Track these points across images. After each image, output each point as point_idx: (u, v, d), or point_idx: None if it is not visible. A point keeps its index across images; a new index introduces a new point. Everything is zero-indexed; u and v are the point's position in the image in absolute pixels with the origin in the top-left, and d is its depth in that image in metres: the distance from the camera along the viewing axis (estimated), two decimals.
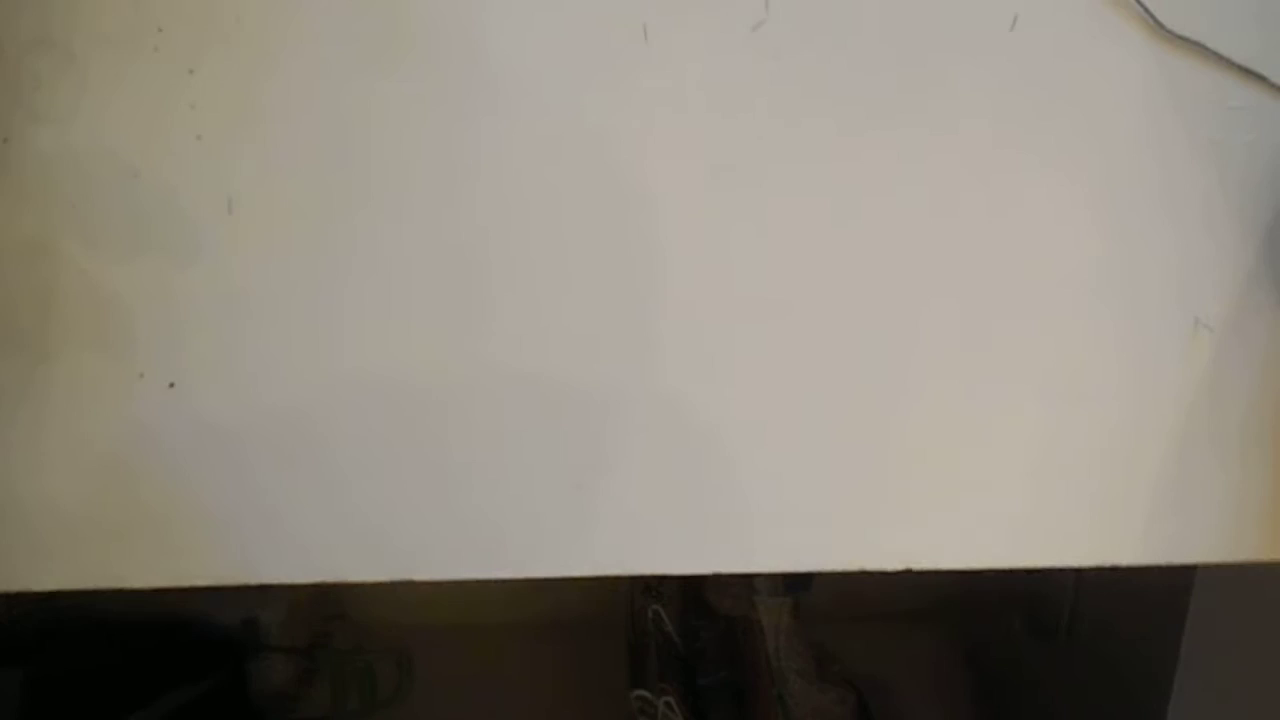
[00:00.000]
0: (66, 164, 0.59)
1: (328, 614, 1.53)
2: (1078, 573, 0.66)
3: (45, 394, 0.62)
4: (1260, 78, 0.60)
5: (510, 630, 1.51)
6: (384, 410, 0.63)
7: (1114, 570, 0.67)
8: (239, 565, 0.65)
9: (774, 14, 0.58)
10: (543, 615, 1.51)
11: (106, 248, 0.61)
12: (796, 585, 1.36)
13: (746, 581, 1.36)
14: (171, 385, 0.62)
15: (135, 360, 0.62)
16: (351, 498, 0.64)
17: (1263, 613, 0.95)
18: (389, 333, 0.62)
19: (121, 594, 0.65)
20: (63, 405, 0.62)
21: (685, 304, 0.63)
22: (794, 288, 0.62)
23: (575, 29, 0.59)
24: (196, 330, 0.62)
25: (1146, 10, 0.58)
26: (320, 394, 0.62)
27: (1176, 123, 0.61)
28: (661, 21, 0.59)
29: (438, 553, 0.66)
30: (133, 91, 0.58)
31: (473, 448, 0.64)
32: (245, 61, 0.58)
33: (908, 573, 0.67)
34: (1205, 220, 0.62)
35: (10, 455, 0.63)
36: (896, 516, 0.66)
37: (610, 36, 0.59)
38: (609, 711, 1.37)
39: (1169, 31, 0.59)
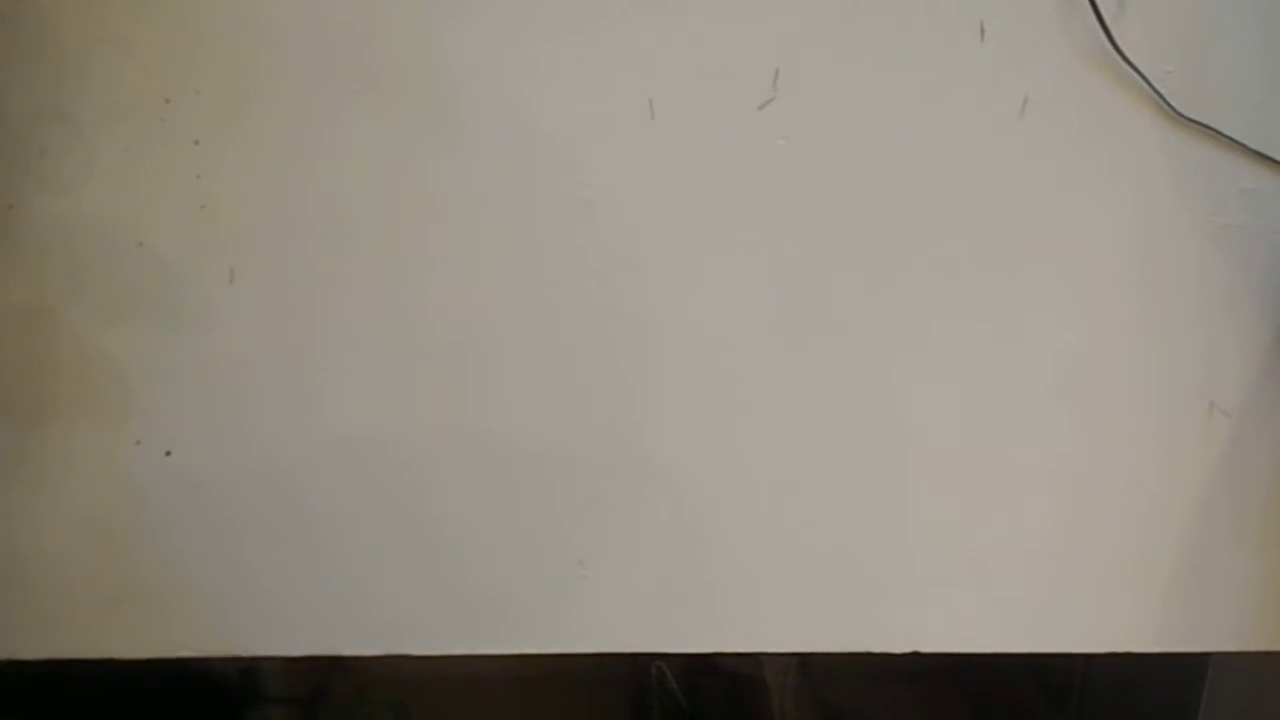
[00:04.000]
0: (70, 232, 0.59)
1: (327, 665, 1.51)
2: None
3: (42, 461, 0.62)
4: (1274, 161, 0.59)
5: (511, 683, 1.49)
6: (378, 483, 0.62)
7: None
8: (230, 638, 0.64)
9: (782, 93, 0.58)
10: (545, 670, 1.48)
11: (107, 316, 0.60)
12: None
13: None
14: (168, 454, 0.62)
15: (132, 428, 0.61)
16: (344, 571, 0.63)
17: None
18: (383, 404, 0.61)
19: None
20: (59, 472, 0.62)
21: (688, 381, 0.62)
22: (800, 369, 0.62)
23: (579, 102, 0.59)
24: (194, 399, 0.61)
25: (1160, 94, 0.58)
26: (315, 466, 0.62)
27: (1190, 206, 0.60)
28: (668, 97, 0.59)
29: (432, 628, 0.64)
30: (139, 162, 0.58)
31: (467, 521, 0.63)
32: (251, 134, 0.58)
33: (915, 655, 0.65)
34: (1218, 304, 0.61)
35: (6, 523, 0.62)
36: (904, 599, 0.64)
37: (615, 111, 0.59)
38: None
39: (1182, 116, 0.58)
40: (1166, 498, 0.63)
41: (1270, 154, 0.59)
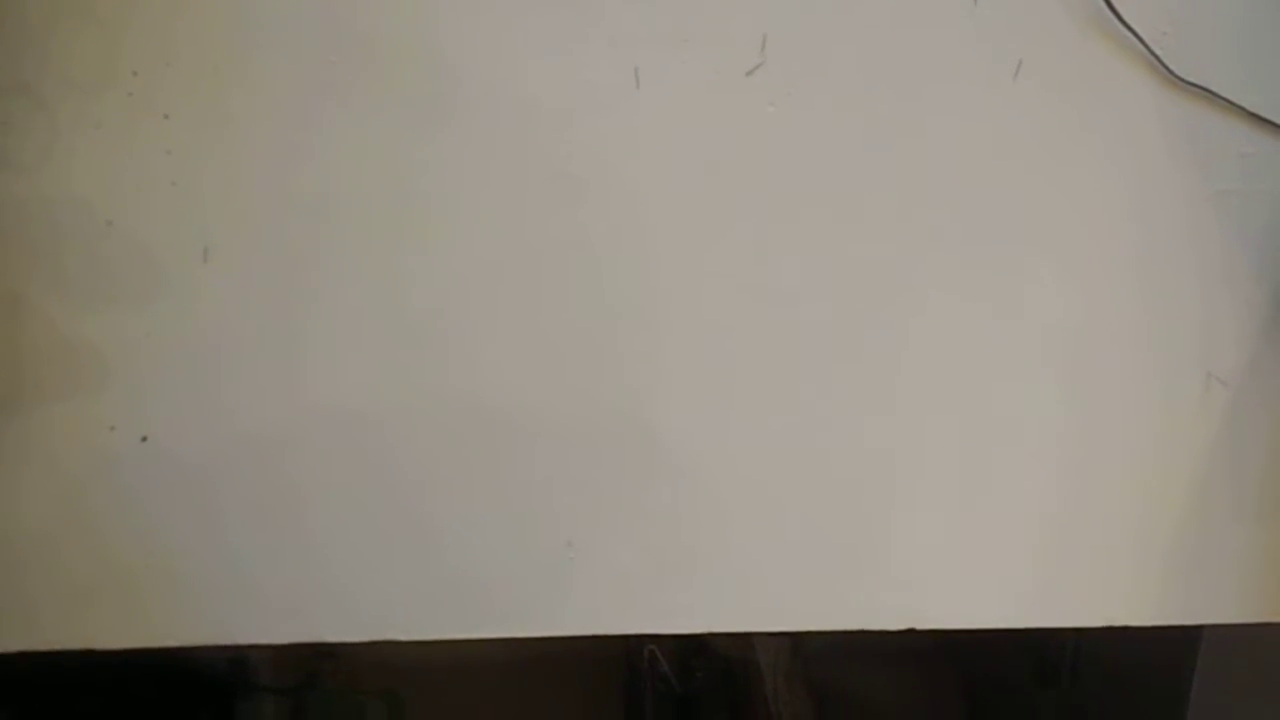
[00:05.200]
0: (37, 212, 0.57)
1: (317, 653, 1.51)
2: None
3: (13, 449, 0.60)
4: (1273, 125, 0.58)
5: (503, 670, 1.49)
6: (360, 466, 0.61)
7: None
8: (212, 626, 0.62)
9: (770, 59, 0.57)
10: (536, 655, 1.48)
11: (79, 297, 0.58)
12: None
13: None
14: (144, 439, 0.60)
15: (107, 413, 0.60)
16: (328, 556, 0.62)
17: (1274, 669, 0.93)
18: (365, 385, 0.60)
19: None
20: (36, 457, 0.60)
21: (678, 357, 0.60)
22: (791, 342, 0.60)
23: (564, 73, 0.57)
24: (169, 381, 0.59)
25: (1156, 57, 0.57)
26: (294, 448, 0.60)
27: (1188, 171, 0.59)
28: (653, 66, 0.57)
29: (417, 612, 0.63)
30: (106, 138, 0.56)
31: (454, 504, 0.62)
32: (221, 106, 0.56)
33: (908, 635, 0.65)
34: (1216, 272, 0.60)
35: None
36: (899, 576, 0.63)
37: (600, 80, 0.57)
38: None
39: (1179, 79, 0.57)
40: (1164, 469, 0.63)
41: (1268, 117, 0.58)
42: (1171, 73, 0.57)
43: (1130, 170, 0.59)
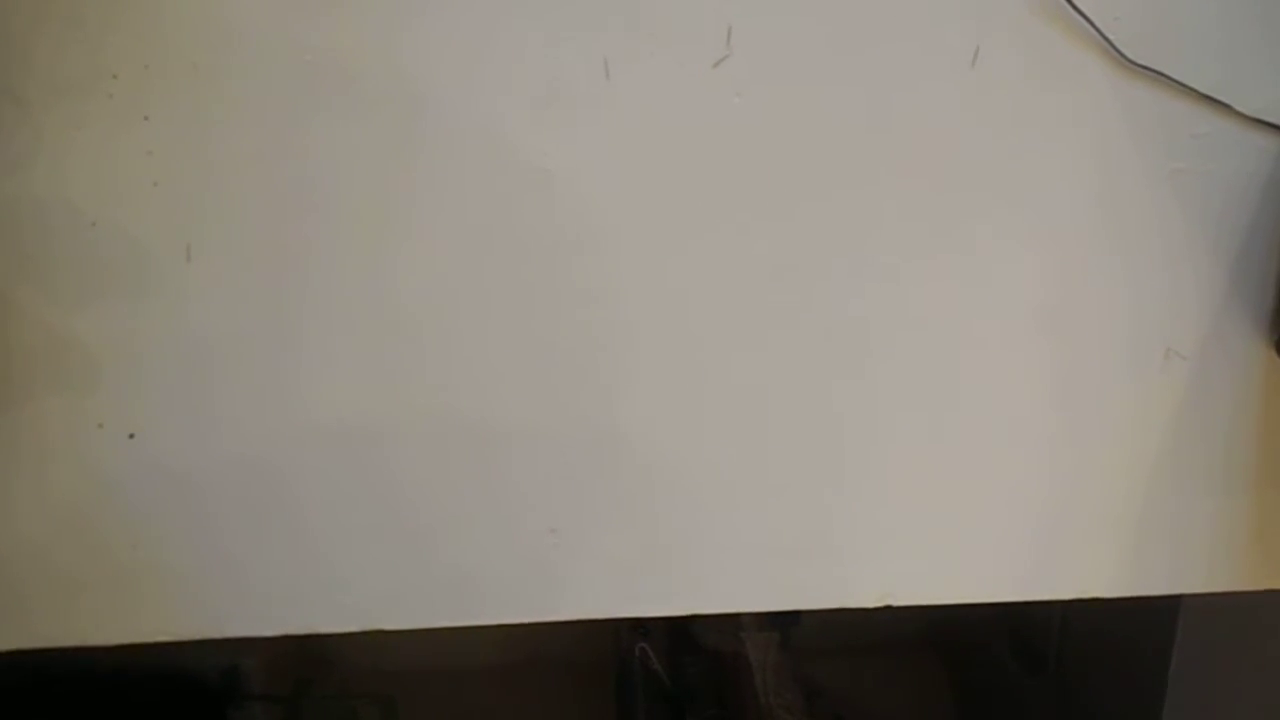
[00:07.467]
0: (22, 213, 0.58)
1: (310, 660, 1.51)
2: (1065, 602, 0.65)
3: (7, 445, 0.61)
4: (1224, 105, 0.60)
5: (495, 672, 1.49)
6: (347, 459, 0.62)
7: (1100, 599, 0.67)
8: (204, 620, 0.63)
9: (736, 50, 0.58)
10: (528, 656, 1.49)
11: (64, 297, 0.59)
12: (784, 619, 1.35)
13: (733, 617, 1.35)
14: (131, 436, 0.61)
15: (94, 410, 0.61)
16: (317, 548, 0.63)
17: (1249, 639, 0.94)
18: (348, 380, 0.61)
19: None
20: (25, 456, 0.61)
21: (652, 345, 0.62)
22: (760, 328, 0.62)
23: (536, 62, 0.58)
24: (156, 379, 0.60)
25: (1109, 41, 0.58)
26: (281, 443, 0.61)
27: (1142, 153, 0.60)
28: (623, 57, 0.59)
29: (407, 602, 0.64)
30: (88, 139, 0.57)
31: (439, 494, 0.63)
32: (200, 107, 0.57)
33: (887, 609, 0.66)
34: (1172, 249, 0.62)
35: None
36: (873, 553, 0.65)
37: (572, 73, 0.59)
38: None
39: (1132, 62, 0.59)
40: (1131, 443, 0.64)
41: (1219, 98, 0.60)
42: (1125, 57, 0.59)
43: (1088, 152, 0.61)
